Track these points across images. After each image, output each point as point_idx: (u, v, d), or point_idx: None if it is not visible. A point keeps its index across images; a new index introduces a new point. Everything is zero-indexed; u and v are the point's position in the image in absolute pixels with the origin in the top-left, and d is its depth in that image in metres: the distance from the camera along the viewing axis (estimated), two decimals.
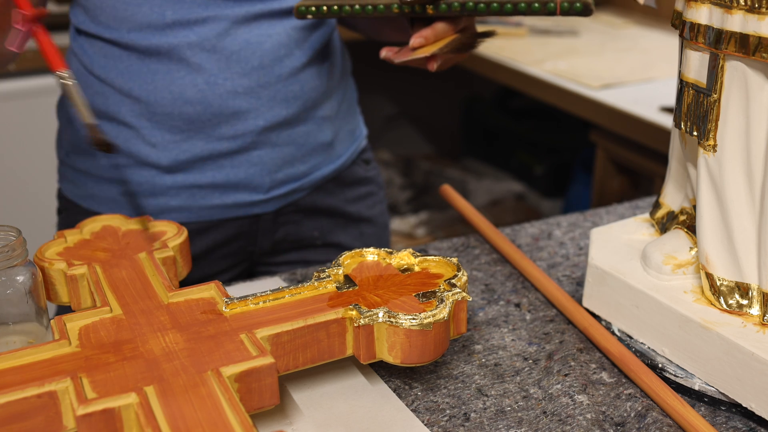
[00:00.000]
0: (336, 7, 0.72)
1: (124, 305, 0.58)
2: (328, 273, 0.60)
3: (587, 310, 0.68)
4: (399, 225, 2.21)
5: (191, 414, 0.46)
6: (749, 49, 0.55)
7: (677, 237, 0.65)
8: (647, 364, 0.62)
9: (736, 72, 0.57)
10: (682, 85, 0.61)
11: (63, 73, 0.63)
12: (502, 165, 2.46)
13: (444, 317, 0.55)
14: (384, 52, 0.74)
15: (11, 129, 1.63)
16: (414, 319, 0.54)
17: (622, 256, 0.67)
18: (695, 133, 0.60)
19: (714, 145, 0.59)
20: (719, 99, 0.58)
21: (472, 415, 0.57)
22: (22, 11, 0.65)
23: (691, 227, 0.65)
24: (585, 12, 0.66)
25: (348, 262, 0.63)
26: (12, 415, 0.47)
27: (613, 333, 0.66)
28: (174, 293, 0.59)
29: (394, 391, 0.60)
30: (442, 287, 0.59)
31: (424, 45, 0.71)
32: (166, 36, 0.81)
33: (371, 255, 0.64)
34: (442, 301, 0.57)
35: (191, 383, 0.49)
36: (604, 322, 0.67)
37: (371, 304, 0.57)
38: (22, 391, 0.47)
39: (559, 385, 0.60)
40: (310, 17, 0.74)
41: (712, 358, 0.58)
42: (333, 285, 0.59)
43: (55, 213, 0.97)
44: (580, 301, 0.70)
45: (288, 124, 0.88)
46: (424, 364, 0.57)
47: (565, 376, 0.61)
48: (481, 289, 0.74)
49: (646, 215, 0.73)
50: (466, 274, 0.61)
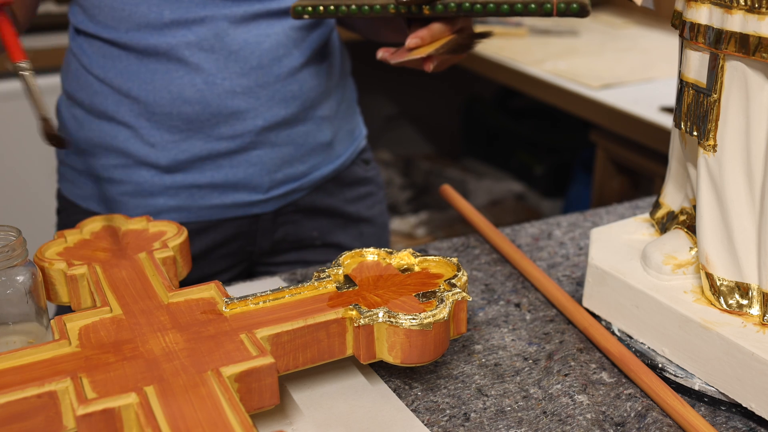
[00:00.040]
0: (332, 7, 0.72)
1: (124, 305, 0.58)
2: (328, 273, 0.60)
3: (587, 310, 0.68)
4: (399, 225, 2.21)
5: (191, 414, 0.46)
6: (749, 49, 0.55)
7: (677, 237, 0.65)
8: (647, 364, 0.62)
9: (736, 72, 0.57)
10: (682, 85, 0.61)
11: (22, 64, 0.63)
12: (502, 165, 2.46)
13: (444, 317, 0.55)
14: (380, 53, 0.74)
15: (11, 129, 1.63)
16: (414, 319, 0.54)
17: (622, 256, 0.67)
18: (695, 133, 0.60)
19: (714, 145, 0.59)
20: (719, 99, 0.58)
21: (472, 415, 0.57)
22: None
23: (691, 227, 0.65)
24: (582, 13, 0.66)
25: (348, 262, 0.63)
26: (12, 415, 0.47)
27: (613, 333, 0.66)
28: (174, 293, 0.59)
29: (394, 391, 0.60)
30: (442, 287, 0.59)
31: (421, 46, 0.71)
32: (165, 36, 0.81)
33: (371, 255, 0.64)
34: (442, 301, 0.57)
35: (191, 383, 0.49)
36: (604, 322, 0.67)
37: (371, 304, 0.57)
38: (22, 391, 0.47)
39: (559, 385, 0.60)
40: (306, 17, 0.74)
41: (712, 358, 0.58)
42: (333, 285, 0.59)
43: (55, 213, 0.97)
44: (580, 301, 0.70)
45: (287, 124, 0.88)
46: (424, 364, 0.57)
47: (565, 376, 0.61)
48: (481, 289, 0.74)
49: (646, 215, 0.73)
50: (466, 274, 0.61)
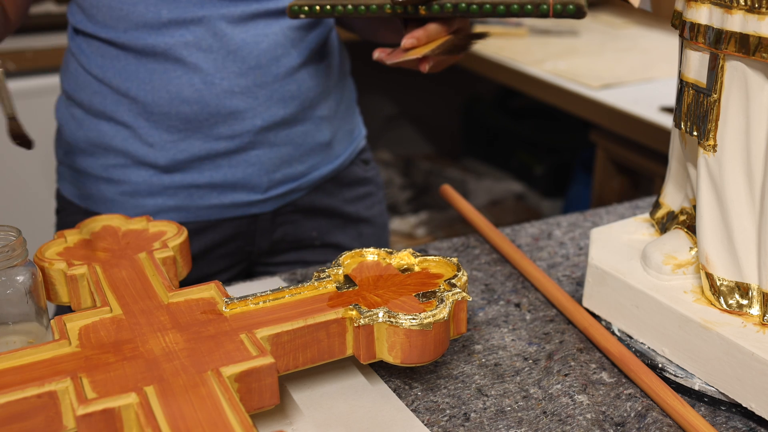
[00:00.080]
0: (329, 7, 0.72)
1: (124, 305, 0.57)
2: (328, 273, 0.60)
3: (587, 310, 0.68)
4: (399, 225, 2.21)
5: (191, 414, 0.46)
6: (749, 49, 0.55)
7: (677, 237, 0.65)
8: (647, 364, 0.62)
9: (736, 72, 0.57)
10: (682, 85, 0.61)
11: None
12: (502, 165, 2.46)
13: (444, 317, 0.55)
14: (377, 53, 0.74)
15: None
16: (414, 319, 0.54)
17: (622, 256, 0.67)
18: (695, 133, 0.60)
19: (714, 145, 0.59)
20: (719, 99, 0.58)
21: (472, 415, 0.57)
22: None
23: (691, 227, 0.65)
24: (578, 14, 0.66)
25: (348, 262, 0.63)
26: (12, 415, 0.47)
27: (613, 333, 0.66)
28: (174, 293, 0.59)
29: (394, 391, 0.60)
30: (442, 287, 0.59)
31: (416, 46, 0.71)
32: (162, 35, 0.81)
33: (371, 255, 0.64)
34: (442, 301, 0.57)
35: (191, 383, 0.49)
36: (604, 322, 0.67)
37: (371, 304, 0.57)
38: (22, 391, 0.47)
39: (559, 385, 0.60)
40: (302, 17, 0.74)
41: (712, 358, 0.58)
42: (333, 285, 0.59)
43: (54, 213, 0.97)
44: (580, 301, 0.70)
45: (286, 124, 0.87)
46: (424, 364, 0.57)
47: (565, 376, 0.61)
48: (481, 289, 0.74)
49: (646, 215, 0.73)
50: (466, 274, 0.61)
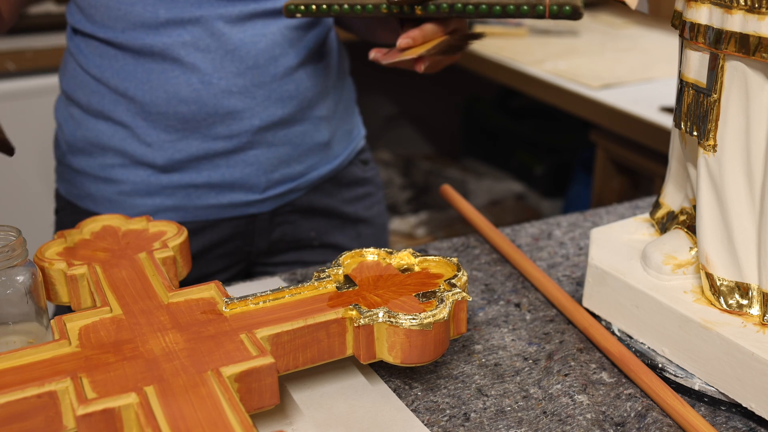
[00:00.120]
0: (325, 6, 0.72)
1: (124, 305, 0.57)
2: (328, 273, 0.60)
3: (587, 310, 0.68)
4: (399, 225, 2.21)
5: (191, 414, 0.46)
6: (749, 49, 0.55)
7: (677, 237, 0.65)
8: (647, 364, 0.62)
9: (736, 72, 0.57)
10: (682, 85, 0.61)
11: None
12: (502, 165, 2.46)
13: (444, 317, 0.55)
14: (373, 54, 0.73)
15: (11, 129, 1.63)
16: (414, 319, 0.54)
17: (622, 256, 0.67)
18: (695, 133, 0.60)
19: (714, 145, 0.59)
20: (719, 99, 0.58)
21: (472, 415, 0.57)
22: None
23: (691, 227, 0.65)
24: (574, 15, 0.65)
25: (348, 262, 0.63)
26: (12, 415, 0.47)
27: (613, 333, 0.66)
28: (174, 293, 0.59)
29: (394, 391, 0.60)
30: (442, 287, 0.59)
31: (412, 46, 0.70)
32: (160, 35, 0.81)
33: (371, 255, 0.64)
34: (442, 301, 0.57)
35: (191, 383, 0.49)
36: (604, 322, 0.67)
37: (371, 304, 0.57)
38: (22, 391, 0.47)
39: (559, 385, 0.60)
40: (299, 16, 0.73)
41: (712, 358, 0.58)
42: (333, 285, 0.59)
43: (53, 213, 0.97)
44: (580, 301, 0.70)
45: (284, 124, 0.87)
46: (424, 364, 0.57)
47: (565, 376, 0.61)
48: (481, 289, 0.74)
49: (646, 215, 0.73)
50: (466, 274, 0.61)
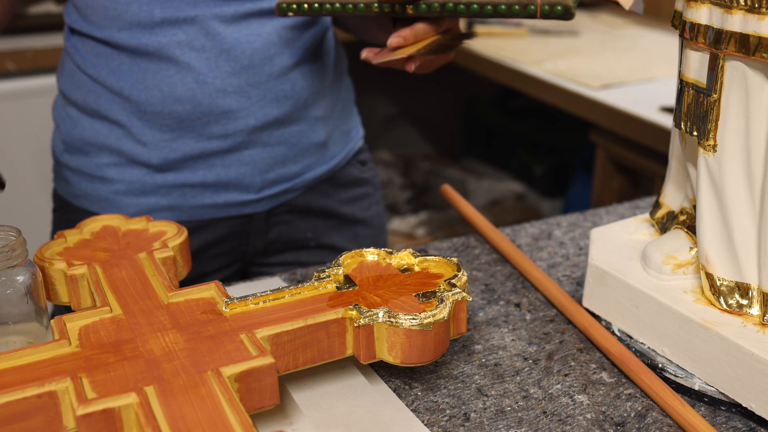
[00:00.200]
0: (317, 5, 0.72)
1: (124, 305, 0.57)
2: (328, 273, 0.60)
3: (587, 310, 0.68)
4: (399, 225, 2.21)
5: (191, 414, 0.46)
6: (749, 49, 0.55)
7: (677, 237, 0.65)
8: (647, 364, 0.62)
9: (736, 72, 0.57)
10: (682, 85, 0.61)
11: None
12: (502, 165, 2.46)
13: (444, 317, 0.55)
14: (364, 53, 0.73)
15: (11, 129, 1.63)
16: (414, 319, 0.54)
17: (622, 256, 0.67)
18: (695, 133, 0.60)
19: (714, 145, 0.59)
20: (719, 99, 0.58)
21: (472, 415, 0.57)
22: None
23: (691, 227, 0.65)
24: (565, 16, 0.65)
25: (348, 262, 0.63)
26: (12, 415, 0.47)
27: (613, 333, 0.66)
28: (174, 293, 0.59)
29: (394, 391, 0.60)
30: (442, 287, 0.59)
31: (403, 45, 0.70)
32: (156, 35, 0.81)
33: (371, 255, 0.64)
34: (442, 301, 0.57)
35: (191, 383, 0.49)
36: (604, 322, 0.67)
37: (371, 304, 0.57)
38: (22, 391, 0.47)
39: (559, 385, 0.60)
40: (291, 14, 0.73)
41: (712, 358, 0.58)
42: (333, 285, 0.59)
43: (52, 213, 0.97)
44: (580, 301, 0.70)
45: (279, 124, 0.87)
46: (424, 364, 0.57)
47: (565, 376, 0.61)
48: (481, 289, 0.74)
49: (646, 215, 0.73)
50: (466, 274, 0.61)
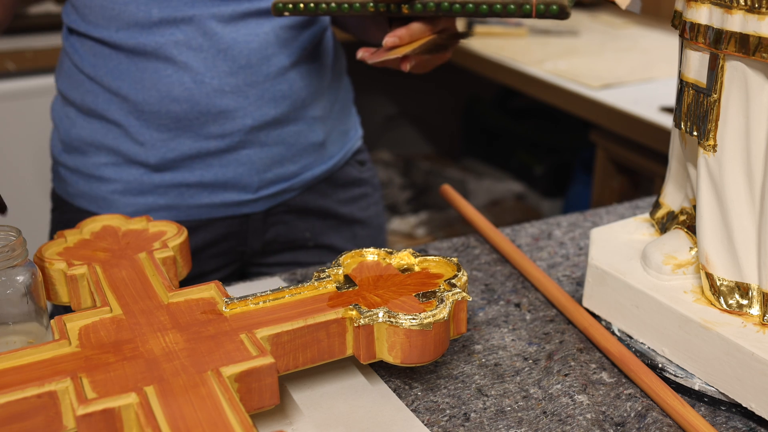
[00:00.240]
0: (312, 5, 0.72)
1: (124, 305, 0.57)
2: (328, 273, 0.60)
3: (587, 310, 0.68)
4: (399, 225, 2.21)
5: (191, 414, 0.46)
6: (749, 49, 0.55)
7: (677, 237, 0.65)
8: (647, 364, 0.62)
9: (736, 72, 0.57)
10: (682, 85, 0.61)
11: None
12: (502, 165, 2.46)
13: (444, 317, 0.55)
14: (360, 53, 0.73)
15: (10, 129, 1.63)
16: (414, 319, 0.54)
17: (622, 256, 0.67)
18: (695, 133, 0.60)
19: (714, 145, 0.59)
20: (719, 99, 0.58)
21: (472, 415, 0.57)
22: None
23: (691, 227, 0.65)
24: (561, 15, 0.65)
25: (348, 262, 0.63)
26: (12, 415, 0.47)
27: (613, 333, 0.66)
28: (174, 293, 0.59)
29: (394, 391, 0.60)
30: (442, 287, 0.59)
31: (398, 45, 0.70)
32: (153, 34, 0.81)
33: (371, 255, 0.64)
34: (442, 301, 0.57)
35: (191, 383, 0.49)
36: (604, 322, 0.67)
37: (371, 304, 0.57)
38: (22, 391, 0.47)
39: (559, 385, 0.60)
40: (287, 14, 0.74)
41: (712, 358, 0.58)
42: (333, 285, 0.59)
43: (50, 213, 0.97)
44: (580, 301, 0.70)
45: (277, 124, 0.87)
46: (424, 364, 0.57)
47: (565, 376, 0.61)
48: (481, 289, 0.74)
49: (646, 215, 0.73)
50: (466, 274, 0.61)
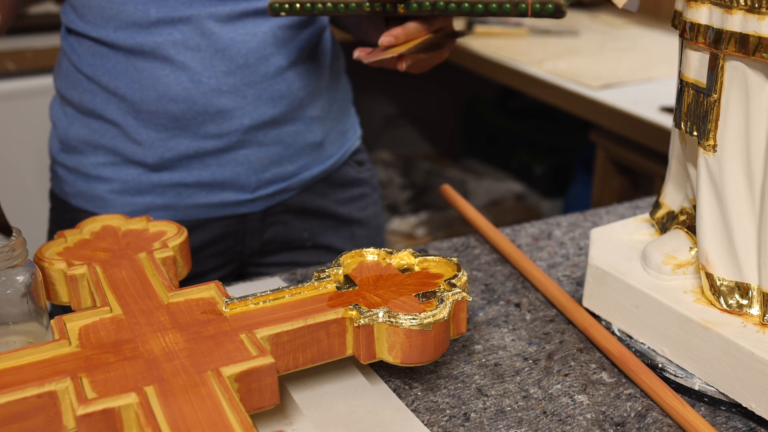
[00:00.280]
0: (309, 5, 0.72)
1: (124, 305, 0.57)
2: (328, 273, 0.60)
3: (587, 310, 0.68)
4: (399, 225, 2.21)
5: (191, 414, 0.46)
6: (749, 49, 0.55)
7: (677, 237, 0.65)
8: (647, 364, 0.62)
9: (736, 72, 0.57)
10: (682, 85, 0.61)
11: None
12: (502, 165, 2.46)
13: (444, 317, 0.55)
14: (356, 53, 0.73)
15: (10, 129, 1.63)
16: (414, 319, 0.54)
17: (622, 256, 0.67)
18: (695, 133, 0.60)
19: (714, 145, 0.59)
20: (719, 99, 0.58)
21: (472, 415, 0.57)
22: None
23: (691, 227, 0.65)
24: (556, 14, 0.65)
25: (348, 261, 0.63)
26: (12, 415, 0.47)
27: (613, 333, 0.66)
28: (174, 293, 0.59)
29: (394, 391, 0.60)
30: (442, 287, 0.59)
31: (394, 44, 0.70)
32: (151, 34, 0.81)
33: (371, 255, 0.64)
34: (442, 301, 0.57)
35: (191, 383, 0.49)
36: (604, 322, 0.67)
37: (371, 304, 0.57)
38: (22, 391, 0.47)
39: (559, 385, 0.60)
40: (283, 14, 0.74)
41: (712, 358, 0.58)
42: (333, 285, 0.59)
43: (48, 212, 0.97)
44: (580, 301, 0.70)
45: (275, 124, 0.87)
46: (424, 364, 0.57)
47: (565, 376, 0.61)
48: (481, 289, 0.74)
49: (646, 215, 0.73)
50: (466, 274, 0.61)
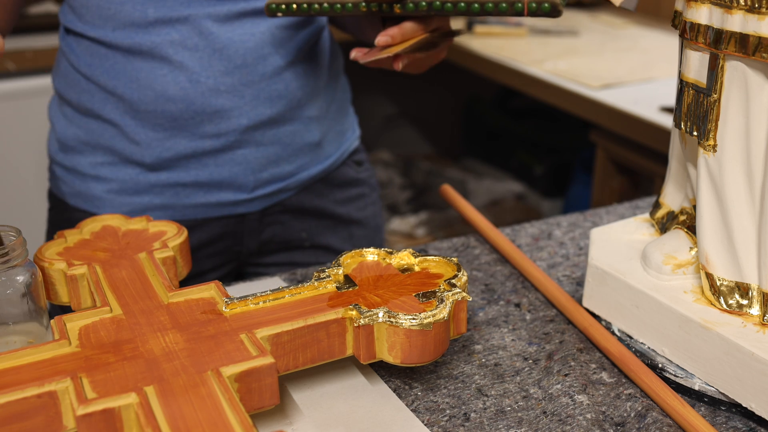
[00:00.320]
0: (305, 6, 0.72)
1: (124, 305, 0.58)
2: (328, 273, 0.60)
3: (587, 310, 0.68)
4: (399, 225, 2.21)
5: (191, 414, 0.46)
6: (749, 49, 0.55)
7: (677, 237, 0.65)
8: (647, 364, 0.62)
9: (736, 72, 0.57)
10: (682, 85, 0.61)
11: None
12: (502, 165, 2.46)
13: (444, 317, 0.55)
14: (353, 53, 0.73)
15: (10, 129, 1.63)
16: (414, 319, 0.54)
17: (622, 256, 0.67)
18: (695, 133, 0.60)
19: (714, 145, 0.59)
20: (719, 99, 0.58)
21: (472, 415, 0.57)
22: None
23: (691, 227, 0.65)
24: (553, 13, 0.65)
25: (348, 262, 0.63)
26: (12, 415, 0.47)
27: (613, 333, 0.66)
28: (174, 293, 0.59)
29: (394, 391, 0.60)
30: (442, 287, 0.59)
31: (391, 44, 0.70)
32: (149, 34, 0.81)
33: (371, 255, 0.64)
34: (442, 301, 0.57)
35: (191, 383, 0.49)
36: (604, 322, 0.67)
37: (371, 304, 0.57)
38: (22, 391, 0.47)
39: (559, 385, 0.60)
40: (280, 15, 0.73)
41: (712, 358, 0.58)
42: (333, 285, 0.59)
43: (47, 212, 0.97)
44: (580, 301, 0.70)
45: (273, 124, 0.87)
46: (424, 364, 0.57)
47: (565, 376, 0.61)
48: (481, 289, 0.74)
49: (646, 215, 0.73)
50: (466, 274, 0.61)
